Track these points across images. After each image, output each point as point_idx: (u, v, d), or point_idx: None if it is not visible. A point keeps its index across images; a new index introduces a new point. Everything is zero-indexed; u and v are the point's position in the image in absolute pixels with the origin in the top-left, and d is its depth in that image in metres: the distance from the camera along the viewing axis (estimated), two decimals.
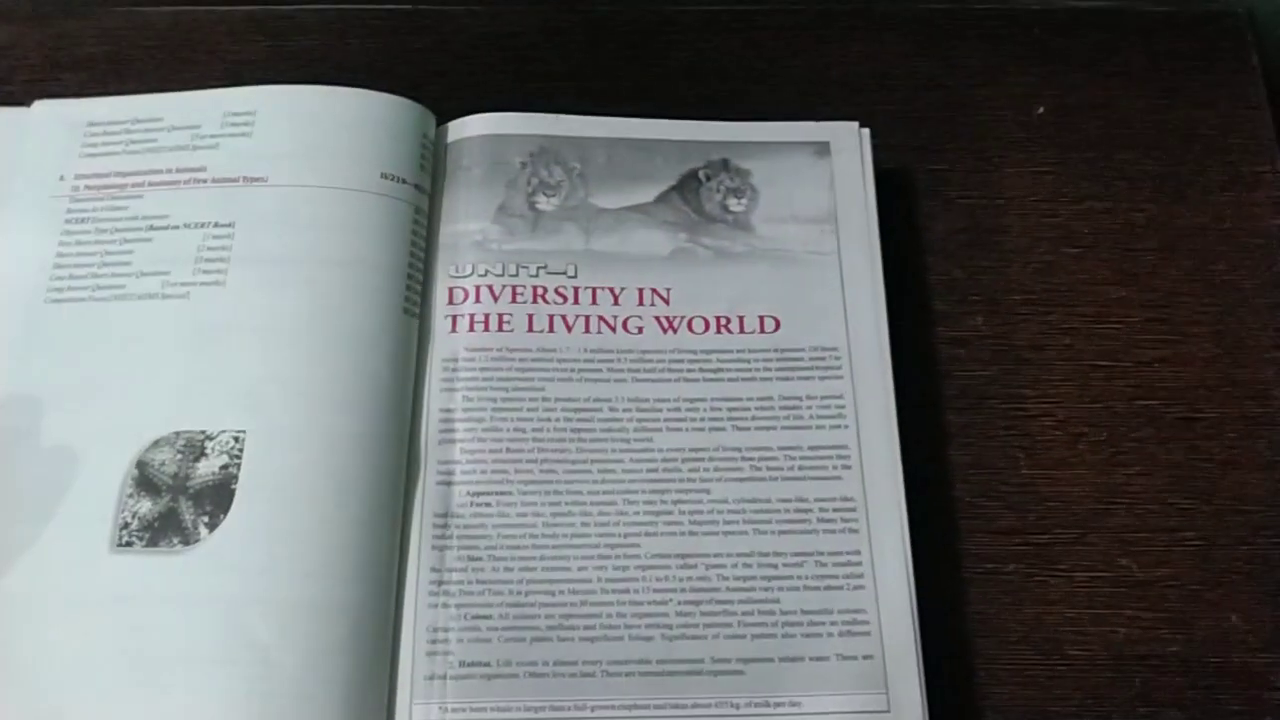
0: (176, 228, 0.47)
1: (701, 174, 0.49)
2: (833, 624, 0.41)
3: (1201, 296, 0.50)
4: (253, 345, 0.45)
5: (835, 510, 0.43)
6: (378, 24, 0.56)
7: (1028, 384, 0.48)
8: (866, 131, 0.50)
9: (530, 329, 0.46)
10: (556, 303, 0.46)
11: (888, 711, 0.40)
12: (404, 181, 0.48)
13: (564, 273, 0.47)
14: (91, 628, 0.41)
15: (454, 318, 0.46)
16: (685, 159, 0.49)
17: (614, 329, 0.46)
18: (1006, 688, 0.43)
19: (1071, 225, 0.51)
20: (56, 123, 0.50)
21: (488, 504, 0.43)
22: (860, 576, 0.42)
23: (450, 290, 0.47)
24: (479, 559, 0.42)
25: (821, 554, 0.42)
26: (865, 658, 0.41)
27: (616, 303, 0.46)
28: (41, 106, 0.51)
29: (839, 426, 0.45)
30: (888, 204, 0.49)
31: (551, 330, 0.46)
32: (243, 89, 0.50)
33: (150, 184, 0.49)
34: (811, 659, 0.41)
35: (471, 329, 0.46)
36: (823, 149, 0.49)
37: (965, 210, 0.52)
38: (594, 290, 0.47)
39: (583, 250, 0.48)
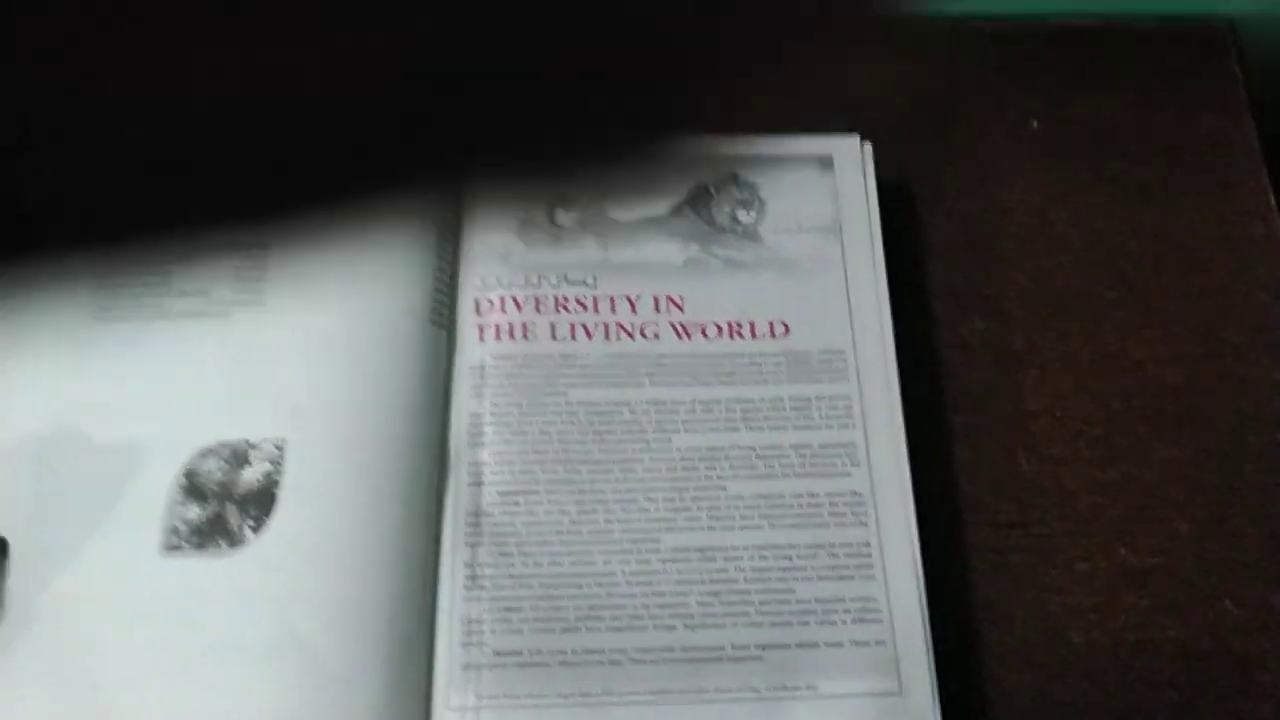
0: (214, 251, 0.50)
1: (711, 187, 0.51)
2: (845, 611, 0.44)
3: (1191, 298, 0.52)
4: (291, 359, 0.47)
5: (845, 504, 0.45)
6: None
7: (1027, 384, 0.50)
8: (869, 145, 0.52)
9: (553, 337, 0.48)
10: (577, 311, 0.49)
11: (899, 694, 0.42)
12: None
13: (584, 282, 0.49)
14: (141, 627, 0.43)
15: (480, 328, 0.49)
16: (695, 172, 0.52)
17: (632, 335, 0.48)
18: (1012, 671, 0.45)
19: (1066, 232, 0.54)
20: None
21: (516, 502, 0.45)
22: (870, 566, 0.44)
23: (476, 301, 0.49)
24: (509, 554, 0.44)
25: (833, 546, 0.45)
26: (877, 643, 0.43)
27: (634, 310, 0.49)
28: None
29: (847, 426, 0.47)
30: (889, 213, 0.51)
31: (573, 338, 0.48)
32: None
33: None
34: (826, 644, 0.43)
35: (497, 338, 0.48)
36: (826, 162, 0.52)
37: (963, 219, 0.54)
38: (612, 299, 0.49)
39: (601, 260, 0.50)
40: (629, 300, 0.49)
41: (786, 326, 0.49)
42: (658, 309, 0.49)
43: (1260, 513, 0.48)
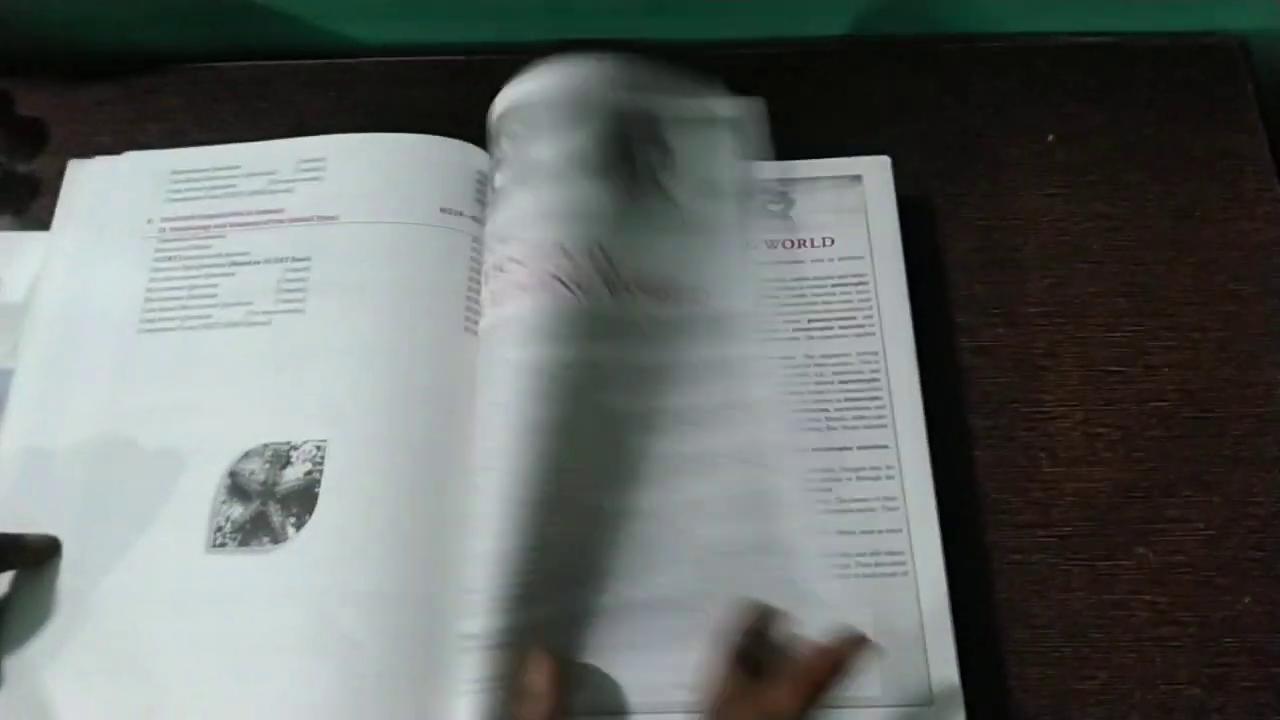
0: (257, 263, 0.52)
1: None
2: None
3: (1206, 306, 0.53)
4: (331, 365, 0.49)
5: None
6: (435, 74, 0.61)
7: (1046, 389, 0.52)
8: (888, 160, 0.54)
9: None
10: None
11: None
12: (461, 214, 0.52)
13: None
14: (188, 622, 0.45)
15: None
16: None
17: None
18: (1035, 668, 0.46)
19: (1082, 243, 0.55)
20: (144, 171, 0.55)
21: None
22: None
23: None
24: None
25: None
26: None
27: None
28: (131, 157, 0.55)
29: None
30: (911, 226, 0.53)
31: None
32: (314, 138, 0.55)
33: (232, 225, 0.53)
34: None
35: None
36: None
37: (983, 231, 0.55)
38: None
39: None
40: None
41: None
42: None
43: (1277, 512, 0.49)
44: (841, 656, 0.39)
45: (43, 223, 0.54)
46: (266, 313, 0.51)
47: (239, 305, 0.51)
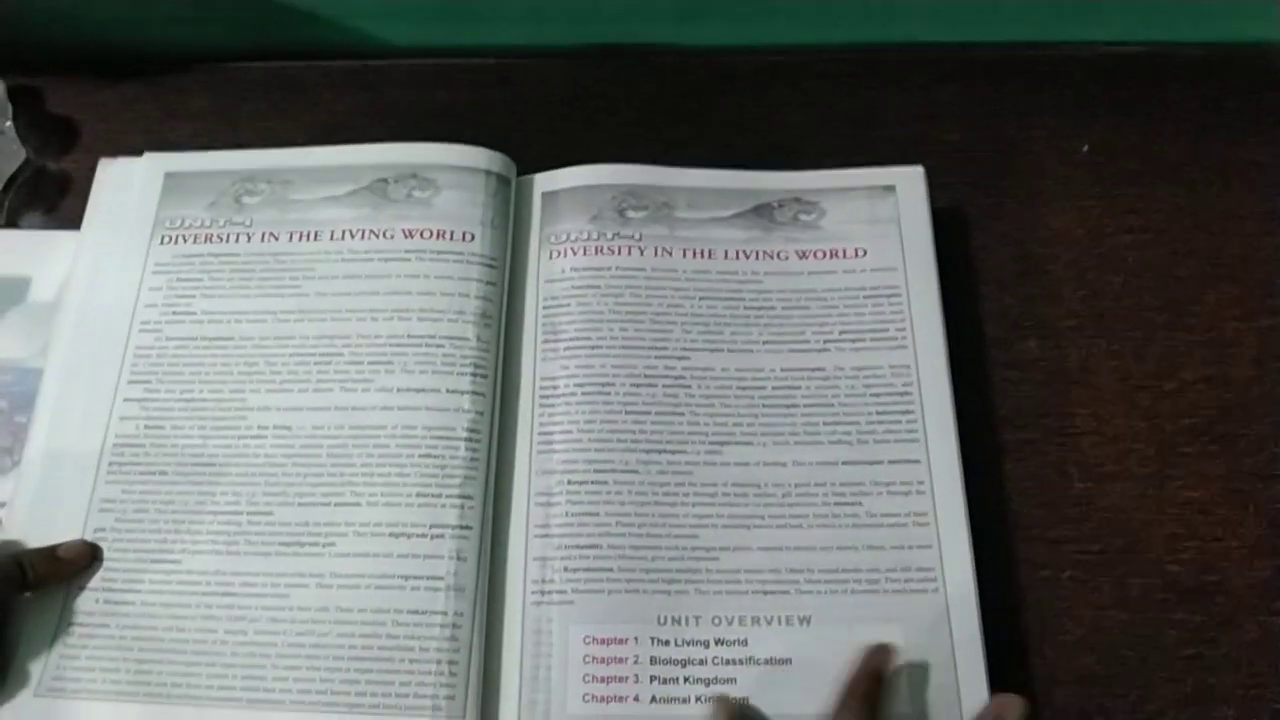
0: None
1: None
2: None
3: (1241, 321, 0.53)
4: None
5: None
6: (464, 76, 0.61)
7: (1079, 403, 0.51)
8: (921, 170, 0.53)
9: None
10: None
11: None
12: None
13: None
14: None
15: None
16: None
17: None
18: (1065, 686, 0.46)
19: (1116, 255, 0.54)
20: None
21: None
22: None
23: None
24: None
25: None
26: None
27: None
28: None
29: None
30: (943, 238, 0.52)
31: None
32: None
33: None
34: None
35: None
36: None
37: (1016, 242, 0.55)
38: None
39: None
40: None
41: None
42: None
43: None
44: (875, 665, 0.40)
45: (74, 222, 0.54)
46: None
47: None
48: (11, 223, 0.57)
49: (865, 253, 0.52)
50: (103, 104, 0.60)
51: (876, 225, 0.52)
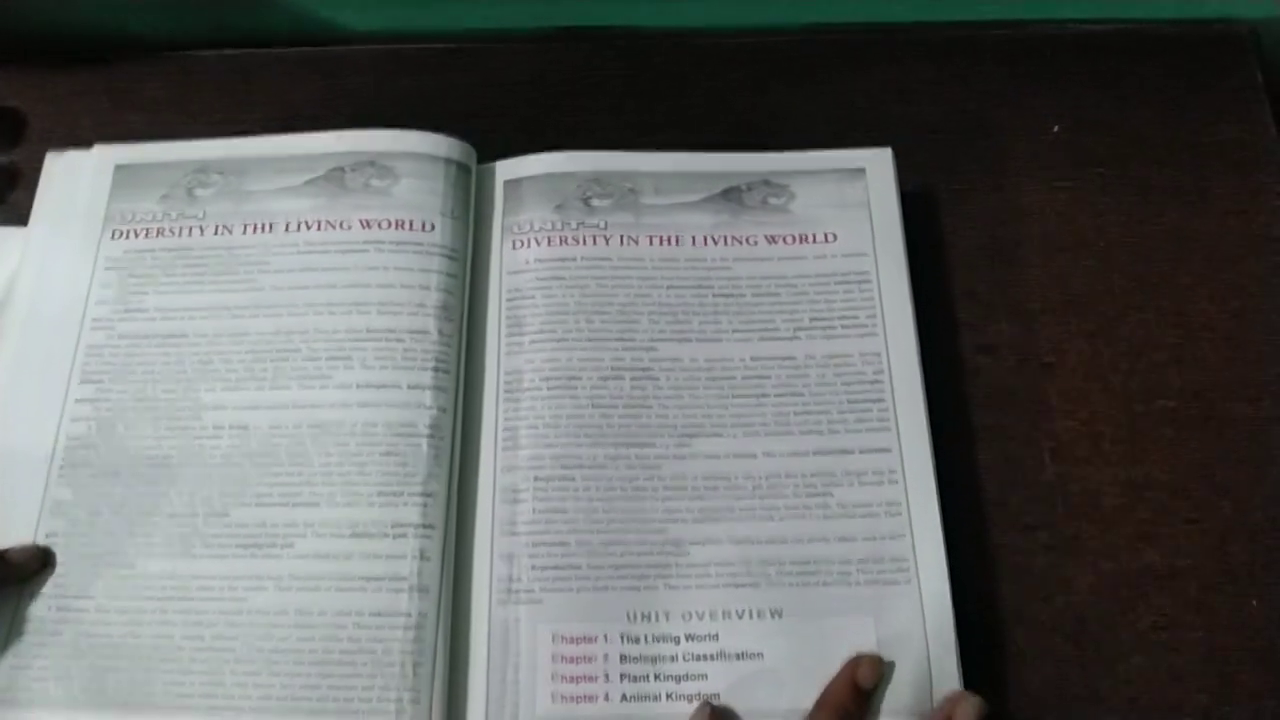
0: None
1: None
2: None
3: (1213, 301, 0.52)
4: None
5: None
6: (425, 61, 0.59)
7: (1051, 386, 0.51)
8: (889, 152, 0.53)
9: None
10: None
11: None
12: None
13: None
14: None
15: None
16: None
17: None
18: (1039, 672, 0.46)
19: (1088, 236, 0.54)
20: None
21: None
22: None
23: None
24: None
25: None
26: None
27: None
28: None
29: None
30: (913, 221, 0.52)
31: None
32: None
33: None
34: None
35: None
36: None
37: (987, 225, 0.54)
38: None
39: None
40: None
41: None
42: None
43: None
44: (850, 676, 0.41)
45: (21, 218, 0.52)
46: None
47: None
48: None
49: (835, 237, 0.51)
50: (52, 94, 0.58)
51: (846, 209, 0.51)
